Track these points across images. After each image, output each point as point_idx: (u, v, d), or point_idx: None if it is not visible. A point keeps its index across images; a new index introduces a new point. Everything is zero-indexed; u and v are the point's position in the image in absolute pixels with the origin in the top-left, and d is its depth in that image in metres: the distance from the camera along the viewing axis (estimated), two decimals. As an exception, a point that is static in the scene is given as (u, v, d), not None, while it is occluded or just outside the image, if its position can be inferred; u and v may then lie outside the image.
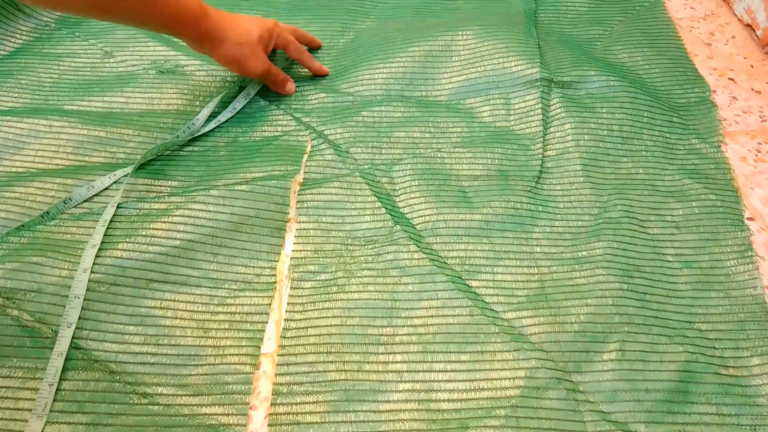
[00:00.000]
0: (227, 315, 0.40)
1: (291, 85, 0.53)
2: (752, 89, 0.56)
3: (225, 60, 0.49)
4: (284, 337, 0.39)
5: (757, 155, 0.51)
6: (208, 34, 0.46)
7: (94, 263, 0.40)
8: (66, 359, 0.37)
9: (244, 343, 0.39)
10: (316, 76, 0.56)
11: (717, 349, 0.39)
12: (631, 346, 0.38)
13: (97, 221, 0.43)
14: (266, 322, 0.40)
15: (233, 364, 0.38)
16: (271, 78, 0.52)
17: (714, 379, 0.37)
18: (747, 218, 0.46)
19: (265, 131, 0.51)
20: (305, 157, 0.48)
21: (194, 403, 0.36)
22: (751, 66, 0.58)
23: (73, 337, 0.38)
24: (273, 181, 0.46)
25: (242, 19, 0.49)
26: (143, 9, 0.42)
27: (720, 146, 0.51)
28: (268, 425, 0.35)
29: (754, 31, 0.60)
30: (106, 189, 0.45)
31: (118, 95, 0.52)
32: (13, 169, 0.46)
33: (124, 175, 0.46)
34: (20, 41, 0.57)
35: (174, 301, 0.40)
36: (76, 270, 0.40)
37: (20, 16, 0.58)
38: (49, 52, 0.56)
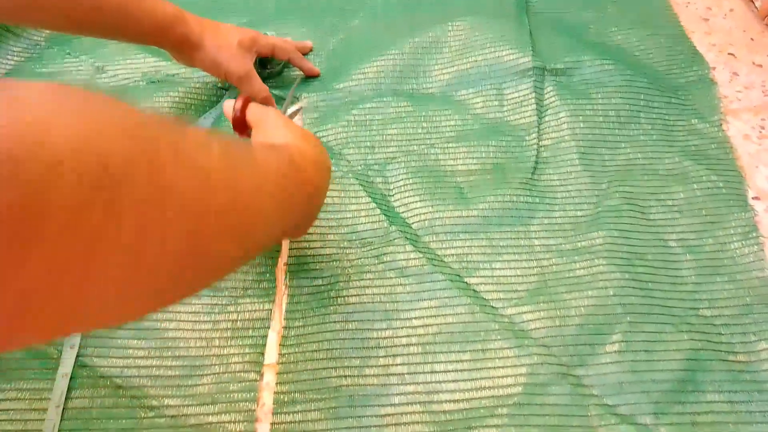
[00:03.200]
0: (229, 323, 0.40)
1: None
2: (753, 63, 0.55)
3: (205, 64, 0.48)
4: (283, 345, 0.39)
5: (761, 132, 0.50)
6: (187, 39, 0.46)
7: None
8: (72, 378, 0.37)
9: (247, 350, 0.39)
10: (308, 78, 0.55)
11: (723, 335, 0.38)
12: (635, 336, 0.38)
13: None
14: (268, 328, 0.40)
15: (237, 372, 0.38)
16: (253, 88, 0.50)
17: (722, 366, 0.37)
18: (753, 198, 0.45)
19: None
20: None
21: (201, 413, 0.36)
22: (752, 39, 0.57)
23: (78, 356, 0.38)
24: None
25: (222, 25, 0.49)
26: (120, 21, 0.42)
27: (721, 125, 0.50)
28: (271, 434, 0.36)
29: (753, 3, 0.59)
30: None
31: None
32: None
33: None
34: (12, 62, 0.57)
35: (176, 312, 0.40)
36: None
37: (10, 38, 0.58)
38: (42, 72, 0.56)
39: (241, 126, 0.38)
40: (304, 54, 0.57)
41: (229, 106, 0.38)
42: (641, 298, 0.39)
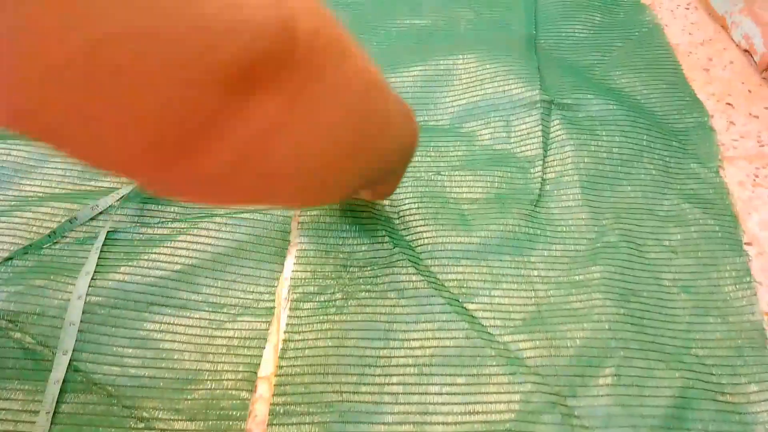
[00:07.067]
0: (225, 339, 0.40)
1: None
2: (750, 114, 0.56)
3: None
4: (282, 358, 0.39)
5: (755, 180, 0.51)
6: None
7: (96, 286, 0.41)
8: (66, 382, 0.38)
9: (241, 368, 0.39)
10: None
11: (714, 375, 0.39)
12: (627, 371, 0.38)
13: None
14: (263, 347, 0.40)
15: (230, 389, 0.38)
16: None
17: (711, 406, 0.37)
18: (745, 243, 0.46)
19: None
20: None
21: (190, 428, 0.36)
22: (749, 91, 0.59)
23: (72, 360, 0.38)
24: (276, 211, 0.47)
25: None
26: None
27: (719, 171, 0.51)
28: (264, 446, 0.36)
29: (752, 57, 0.61)
30: (110, 207, 0.46)
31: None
32: (21, 194, 0.48)
33: (128, 193, 0.47)
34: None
35: (173, 324, 0.41)
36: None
37: None
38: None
39: None
40: None
41: None
42: (635, 334, 0.40)
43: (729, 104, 0.57)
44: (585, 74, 0.59)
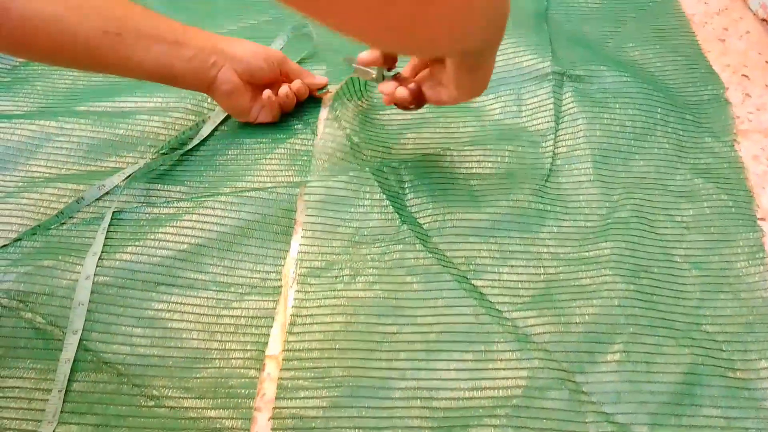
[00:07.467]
0: (233, 318, 0.40)
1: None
2: (766, 85, 0.55)
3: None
4: (290, 333, 0.39)
5: (771, 154, 0.50)
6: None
7: (103, 266, 0.42)
8: (76, 361, 0.38)
9: (249, 347, 0.39)
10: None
11: (724, 351, 0.38)
12: (636, 347, 0.38)
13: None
14: (271, 326, 0.40)
15: (238, 368, 0.38)
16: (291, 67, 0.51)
17: (720, 382, 0.37)
18: (759, 219, 0.46)
19: (269, 133, 0.51)
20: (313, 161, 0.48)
21: (199, 406, 0.37)
22: (766, 62, 0.57)
23: (82, 339, 0.39)
24: (281, 189, 0.46)
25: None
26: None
27: (734, 145, 0.50)
28: (271, 418, 0.36)
29: (771, 27, 0.59)
30: (117, 187, 0.46)
31: (128, 98, 0.53)
32: (28, 174, 0.48)
33: (133, 173, 0.47)
34: None
35: (181, 304, 0.41)
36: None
37: None
38: None
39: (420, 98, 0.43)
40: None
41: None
42: (645, 311, 0.40)
43: (745, 76, 0.56)
44: (598, 46, 0.58)
